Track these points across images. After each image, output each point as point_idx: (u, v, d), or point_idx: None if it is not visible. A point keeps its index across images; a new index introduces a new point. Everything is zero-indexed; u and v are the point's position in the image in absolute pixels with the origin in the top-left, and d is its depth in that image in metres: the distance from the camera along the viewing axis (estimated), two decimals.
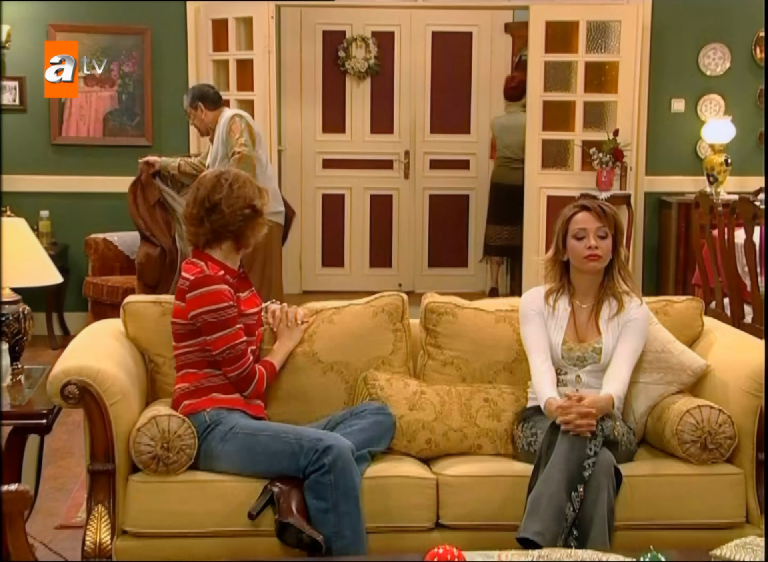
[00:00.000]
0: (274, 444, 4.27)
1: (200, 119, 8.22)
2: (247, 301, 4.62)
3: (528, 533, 3.99)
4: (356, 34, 11.59)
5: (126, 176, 9.31)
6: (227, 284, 4.44)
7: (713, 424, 4.35)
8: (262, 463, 4.25)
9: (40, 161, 9.67)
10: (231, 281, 4.49)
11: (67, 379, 4.21)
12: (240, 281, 4.62)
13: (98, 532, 4.19)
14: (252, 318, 4.59)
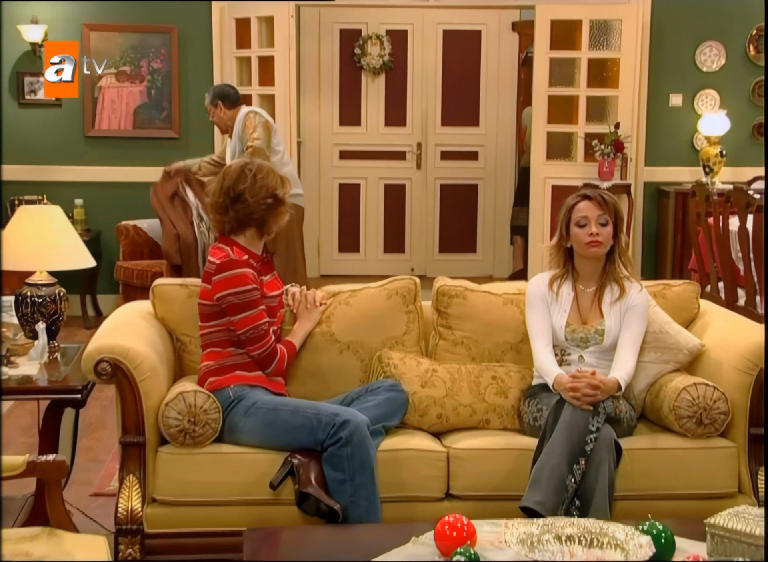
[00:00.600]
0: (294, 419, 4.28)
1: (219, 117, 8.20)
2: (270, 284, 4.61)
3: (529, 502, 4.01)
4: (371, 33, 11.57)
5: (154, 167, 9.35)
6: (251, 268, 4.44)
7: (708, 400, 4.36)
8: (283, 436, 4.26)
9: (74, 153, 9.69)
10: (254, 265, 4.49)
11: (100, 356, 4.22)
12: (263, 265, 4.61)
13: (130, 500, 4.21)
14: (274, 300, 4.58)
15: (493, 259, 11.74)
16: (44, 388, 4.51)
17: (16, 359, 4.63)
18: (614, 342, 4.50)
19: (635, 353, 4.49)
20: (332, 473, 4.16)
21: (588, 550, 3.11)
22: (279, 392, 4.49)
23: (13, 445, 6.10)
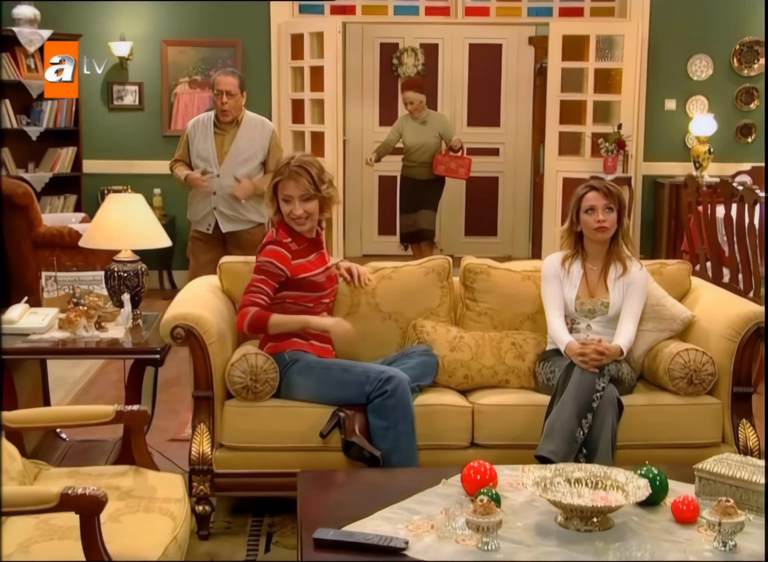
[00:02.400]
0: (345, 375, 4.28)
1: (240, 105, 6.71)
2: (315, 262, 4.54)
3: (543, 451, 4.01)
4: (407, 46, 11.56)
5: None
6: (285, 248, 4.42)
7: (698, 363, 4.35)
8: (334, 391, 4.26)
9: (153, 150, 9.71)
10: (294, 247, 4.45)
11: (176, 323, 4.24)
12: (309, 245, 4.56)
13: (201, 445, 4.24)
14: (319, 276, 4.53)
15: (511, 242, 11.70)
16: (129, 349, 4.53)
17: (106, 324, 4.65)
18: (617, 313, 4.49)
19: (635, 323, 4.47)
20: (377, 421, 4.15)
21: (593, 491, 3.10)
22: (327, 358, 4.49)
23: (104, 397, 6.16)
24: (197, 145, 6.62)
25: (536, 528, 3.01)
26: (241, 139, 6.62)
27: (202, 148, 6.61)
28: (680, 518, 3.07)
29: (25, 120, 9.31)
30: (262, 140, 6.66)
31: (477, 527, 2.86)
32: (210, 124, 6.64)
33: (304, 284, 4.46)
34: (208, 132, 6.62)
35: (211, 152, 6.60)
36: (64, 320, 4.60)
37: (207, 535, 4.24)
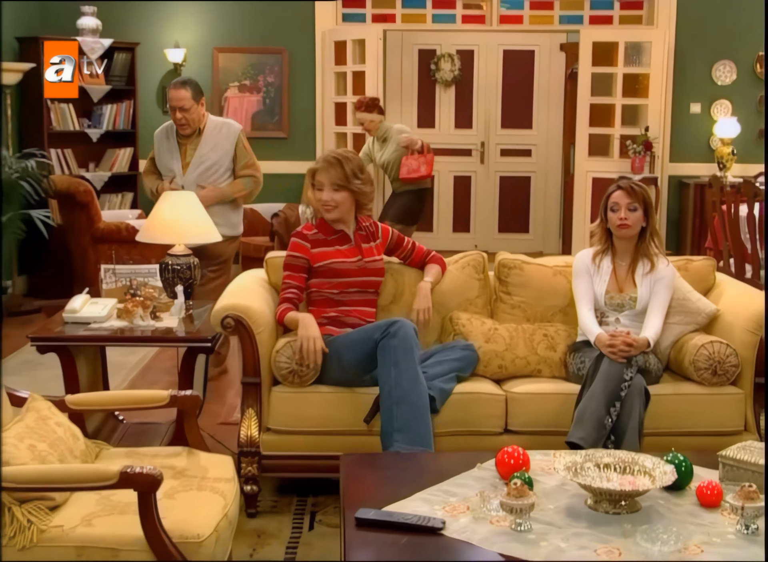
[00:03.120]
0: (358, 334, 4.27)
1: (199, 115, 6.06)
2: (345, 251, 4.50)
3: (574, 438, 4.00)
4: (444, 52, 11.53)
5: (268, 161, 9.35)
6: (303, 238, 4.48)
7: (722, 355, 4.32)
8: (352, 351, 4.23)
9: None
10: (317, 237, 4.49)
11: (226, 313, 4.25)
12: (341, 237, 4.53)
13: (249, 428, 4.25)
14: (344, 263, 4.48)
15: (543, 238, 11.65)
16: (182, 338, 4.54)
17: (161, 314, 4.67)
18: (645, 307, 4.46)
19: (662, 317, 4.44)
20: (383, 360, 4.10)
21: (622, 476, 3.09)
22: None
23: (158, 382, 6.19)
24: (162, 157, 6.17)
25: (567, 510, 3.00)
26: (203, 147, 6.07)
27: (166, 160, 6.15)
28: (705, 502, 3.05)
29: (86, 123, 9.39)
30: (226, 145, 6.11)
31: (511, 509, 2.85)
32: (173, 135, 6.14)
33: (323, 270, 4.44)
34: (171, 143, 6.14)
35: (175, 164, 6.11)
36: (122, 309, 4.63)
37: (254, 513, 4.25)
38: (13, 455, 2.93)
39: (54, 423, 3.27)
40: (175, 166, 6.08)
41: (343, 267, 4.47)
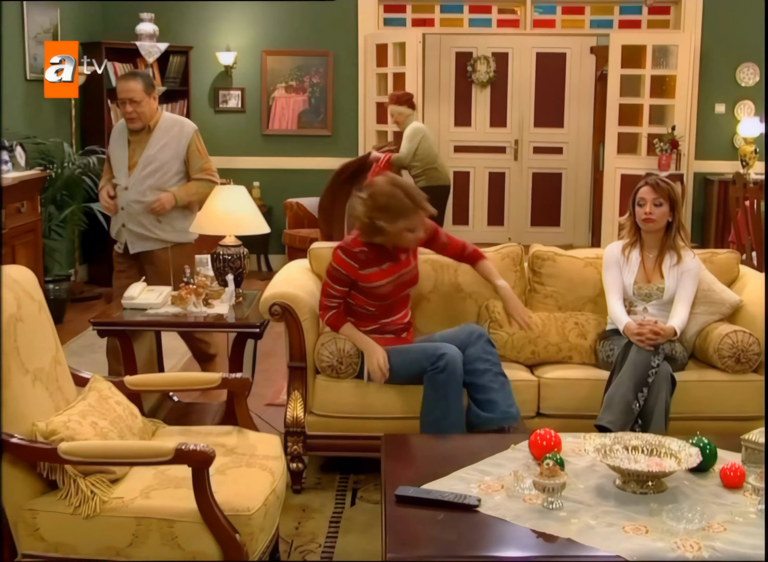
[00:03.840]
0: (407, 355, 4.20)
1: (151, 109, 5.35)
2: (387, 270, 4.29)
3: (603, 421, 3.98)
4: (480, 54, 11.49)
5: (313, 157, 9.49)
6: (353, 259, 4.22)
7: (745, 344, 4.29)
8: (399, 372, 4.19)
9: (254, 147, 9.81)
10: (364, 257, 4.24)
11: (273, 301, 4.27)
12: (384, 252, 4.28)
13: (295, 410, 4.27)
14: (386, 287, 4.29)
15: (573, 232, 11.59)
16: (232, 324, 4.56)
17: (212, 301, 4.69)
18: (671, 297, 4.42)
19: (688, 307, 4.41)
20: (430, 392, 4.09)
21: (649, 457, 3.08)
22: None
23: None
24: (113, 154, 5.48)
25: (596, 490, 2.99)
26: (152, 146, 5.35)
27: (115, 158, 5.45)
28: (728, 483, 3.04)
29: None
30: (177, 146, 5.36)
31: (543, 488, 2.86)
32: (124, 132, 5.43)
33: (367, 291, 4.30)
34: (122, 140, 5.43)
35: (122, 162, 5.40)
36: (176, 297, 4.66)
37: (300, 489, 4.28)
38: (77, 431, 2.97)
39: (114, 402, 3.30)
40: (122, 165, 5.40)
41: (384, 290, 4.30)
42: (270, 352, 6.25)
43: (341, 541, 3.79)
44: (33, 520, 2.91)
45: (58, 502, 2.92)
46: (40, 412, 3.05)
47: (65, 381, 3.32)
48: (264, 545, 3.09)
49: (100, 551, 2.89)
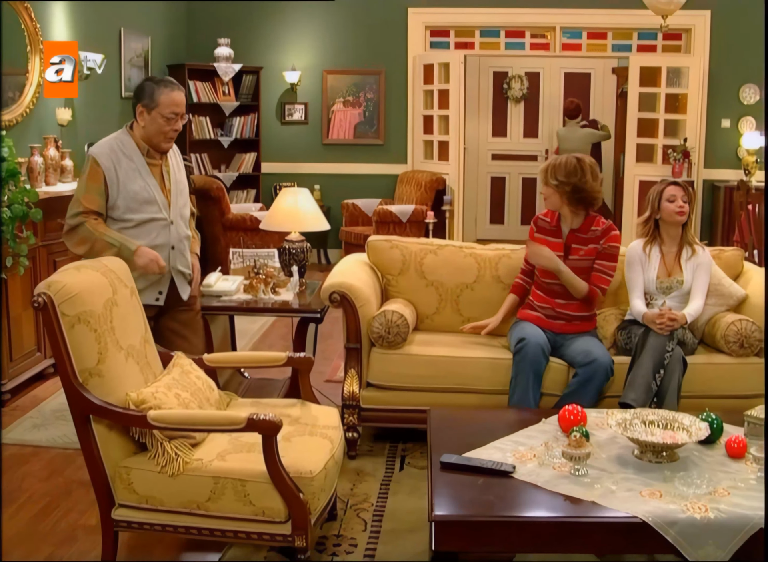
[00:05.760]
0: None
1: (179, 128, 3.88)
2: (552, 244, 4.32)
3: (627, 399, 3.94)
4: (515, 74, 11.45)
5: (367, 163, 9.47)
6: (536, 223, 4.41)
7: (748, 331, 4.24)
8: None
9: (315, 154, 9.83)
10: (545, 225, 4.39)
11: (333, 290, 4.28)
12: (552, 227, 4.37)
13: (351, 385, 4.27)
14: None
15: None
16: (296, 309, 4.58)
17: (279, 289, 4.72)
18: (689, 288, 4.36)
19: (703, 298, 4.35)
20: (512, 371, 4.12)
21: (664, 431, 3.05)
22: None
23: (275, 346, 6.28)
24: (127, 185, 3.78)
25: (617, 459, 2.97)
26: (174, 168, 3.98)
27: (140, 188, 3.80)
28: (732, 453, 3.01)
29: (219, 132, 9.52)
30: (181, 163, 4.08)
31: (570, 457, 2.85)
32: (136, 155, 3.83)
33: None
34: (139, 165, 3.83)
35: (155, 192, 3.85)
36: (248, 285, 4.69)
37: (354, 455, 4.28)
38: (163, 401, 3.01)
39: (194, 377, 3.33)
40: (156, 195, 3.85)
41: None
42: (329, 334, 6.27)
43: (391, 501, 3.80)
44: (127, 476, 2.96)
45: (148, 461, 2.97)
46: (132, 384, 3.09)
47: (153, 358, 3.36)
48: (324, 503, 3.11)
49: (183, 504, 2.93)
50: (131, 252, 3.70)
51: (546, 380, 4.16)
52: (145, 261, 3.73)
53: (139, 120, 3.83)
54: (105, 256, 3.52)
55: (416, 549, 3.34)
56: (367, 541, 3.43)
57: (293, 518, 2.89)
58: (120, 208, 3.79)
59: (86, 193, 3.76)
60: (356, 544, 3.41)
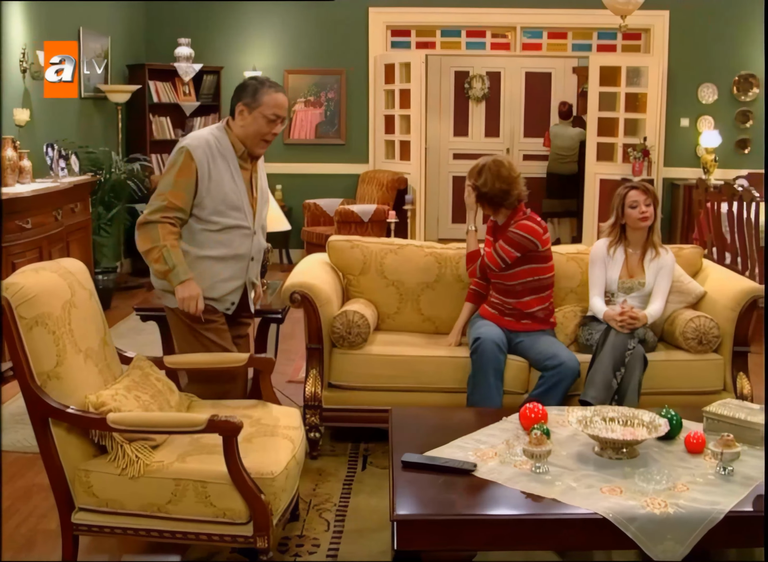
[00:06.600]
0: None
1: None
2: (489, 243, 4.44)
3: (586, 397, 3.97)
4: (476, 73, 11.48)
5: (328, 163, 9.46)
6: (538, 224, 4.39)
7: (706, 328, 4.29)
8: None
9: (276, 154, 9.72)
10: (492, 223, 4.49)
11: (293, 289, 4.26)
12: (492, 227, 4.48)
13: (313, 386, 4.26)
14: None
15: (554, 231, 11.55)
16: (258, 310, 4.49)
17: None
18: (650, 290, 4.40)
19: (663, 299, 4.39)
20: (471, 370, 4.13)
21: (624, 427, 3.07)
22: None
23: None
24: (219, 185, 3.55)
25: (577, 456, 2.99)
26: (261, 176, 3.85)
27: (230, 190, 3.57)
28: (691, 449, 3.04)
29: (180, 132, 9.44)
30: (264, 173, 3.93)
31: (531, 455, 2.86)
32: (230, 155, 3.61)
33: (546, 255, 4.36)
34: (233, 167, 3.61)
35: (242, 198, 3.62)
36: None
37: (316, 456, 4.28)
38: (122, 403, 2.98)
39: (154, 378, 3.31)
40: (243, 202, 3.63)
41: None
42: (290, 335, 6.24)
43: (353, 501, 3.79)
44: (87, 479, 2.93)
45: (108, 464, 2.94)
46: (91, 386, 3.06)
47: (112, 359, 3.33)
48: (286, 504, 3.10)
49: (144, 506, 2.91)
50: (179, 281, 3.48)
51: (507, 378, 4.17)
52: (185, 295, 3.50)
53: (238, 119, 3.62)
54: (155, 268, 3.49)
55: (379, 549, 3.34)
56: (329, 541, 3.43)
57: (255, 519, 2.87)
58: (207, 208, 3.54)
59: (173, 189, 3.50)
60: (319, 544, 3.40)
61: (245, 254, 3.69)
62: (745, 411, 3.18)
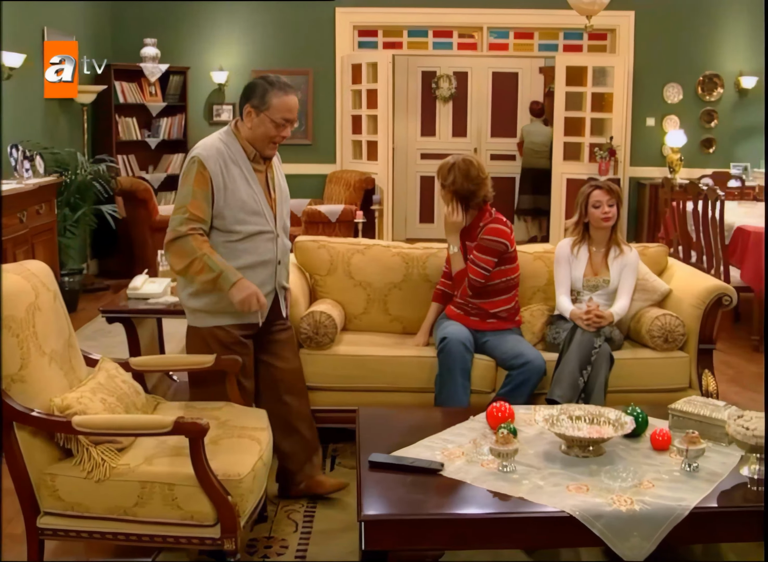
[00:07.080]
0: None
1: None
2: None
3: (553, 395, 3.98)
4: (443, 73, 11.51)
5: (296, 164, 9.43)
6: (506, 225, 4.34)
7: (672, 326, 4.31)
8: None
9: None
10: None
11: None
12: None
13: None
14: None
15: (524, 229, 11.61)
16: None
17: None
18: (615, 287, 4.43)
19: (629, 298, 4.42)
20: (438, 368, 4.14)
21: (590, 426, 3.09)
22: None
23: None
24: (235, 193, 3.45)
25: (544, 455, 3.00)
26: (278, 175, 3.74)
27: (247, 197, 3.48)
28: (657, 446, 3.06)
29: (146, 133, 9.39)
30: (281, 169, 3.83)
31: (498, 454, 2.85)
32: (242, 160, 3.51)
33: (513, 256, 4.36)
34: (246, 172, 3.52)
35: (261, 202, 3.53)
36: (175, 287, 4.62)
37: None
38: (88, 406, 2.95)
39: (120, 381, 3.28)
40: (262, 206, 3.53)
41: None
42: None
43: (321, 501, 3.77)
44: (52, 483, 2.90)
45: (73, 467, 2.90)
46: (56, 389, 3.02)
47: (77, 362, 3.29)
48: (253, 506, 3.08)
49: (110, 509, 2.88)
50: (230, 283, 3.36)
51: (474, 377, 4.18)
52: (243, 296, 3.38)
53: (245, 121, 3.49)
54: (201, 279, 3.38)
55: (347, 549, 3.34)
56: (298, 542, 3.42)
57: (222, 521, 2.86)
58: (227, 218, 3.42)
59: (193, 199, 3.37)
60: (287, 545, 3.39)
61: (271, 260, 3.58)
62: (710, 408, 3.20)
